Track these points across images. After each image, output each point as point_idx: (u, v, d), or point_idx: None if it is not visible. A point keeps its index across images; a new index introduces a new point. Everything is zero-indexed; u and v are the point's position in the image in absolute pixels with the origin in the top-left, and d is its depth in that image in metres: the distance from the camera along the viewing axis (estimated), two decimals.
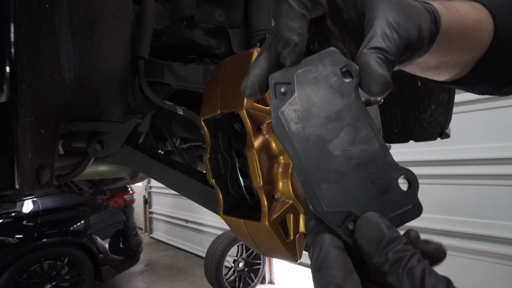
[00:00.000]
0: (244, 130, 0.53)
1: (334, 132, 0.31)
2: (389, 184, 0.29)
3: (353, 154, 0.30)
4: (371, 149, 0.30)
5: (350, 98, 0.31)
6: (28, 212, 3.47)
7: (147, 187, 7.73)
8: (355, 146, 0.30)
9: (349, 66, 0.31)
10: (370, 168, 0.30)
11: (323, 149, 0.30)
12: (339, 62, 0.31)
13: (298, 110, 0.31)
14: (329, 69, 0.32)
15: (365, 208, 0.29)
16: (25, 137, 0.49)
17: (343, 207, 0.29)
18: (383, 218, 0.29)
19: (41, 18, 0.52)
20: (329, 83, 0.31)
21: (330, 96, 0.31)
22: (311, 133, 0.31)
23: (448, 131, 1.19)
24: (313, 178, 0.30)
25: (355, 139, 0.30)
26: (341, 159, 0.30)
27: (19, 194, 0.49)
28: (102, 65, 0.65)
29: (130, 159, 0.89)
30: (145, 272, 5.38)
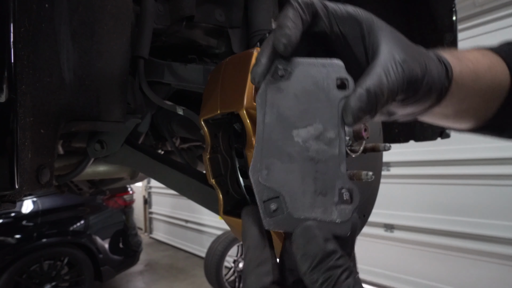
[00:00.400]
0: (244, 130, 0.53)
1: (305, 123, 0.33)
2: (329, 189, 0.30)
3: (311, 147, 0.32)
4: (329, 152, 0.31)
5: (334, 104, 0.33)
6: (28, 212, 3.47)
7: (147, 187, 7.73)
8: (316, 143, 0.32)
9: (347, 80, 0.33)
10: (319, 167, 0.31)
11: (287, 132, 0.32)
12: (339, 73, 0.34)
13: (284, 92, 0.34)
14: (328, 74, 0.34)
15: (296, 198, 0.30)
16: (24, 137, 0.49)
17: (276, 187, 0.31)
18: (322, 229, 0.28)
19: (41, 18, 0.52)
20: (323, 84, 0.34)
21: (317, 93, 0.33)
22: (285, 113, 0.33)
23: (448, 131, 1.19)
24: (266, 150, 0.32)
25: (320, 137, 0.32)
26: (298, 146, 0.32)
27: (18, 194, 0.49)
28: (102, 65, 0.65)
29: (130, 159, 0.89)
30: (145, 272, 5.38)
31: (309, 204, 0.30)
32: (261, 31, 0.96)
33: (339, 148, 0.31)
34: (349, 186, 0.30)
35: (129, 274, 5.07)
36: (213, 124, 0.62)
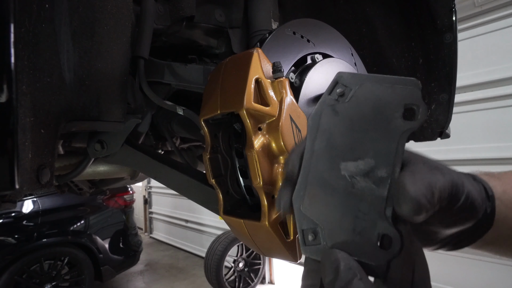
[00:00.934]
0: (244, 130, 0.53)
1: (355, 155, 0.29)
2: (368, 231, 0.28)
3: (357, 184, 0.29)
4: (376, 193, 0.28)
5: (394, 137, 0.28)
6: (28, 212, 3.47)
7: (147, 187, 7.73)
8: (364, 180, 0.29)
9: (417, 106, 0.28)
10: (361, 206, 0.28)
11: (335, 162, 0.29)
12: (410, 97, 0.29)
13: (340, 115, 0.30)
14: (395, 98, 0.29)
15: (332, 233, 0.29)
16: (25, 137, 0.49)
17: (316, 218, 0.29)
18: (347, 258, 0.28)
19: (41, 18, 0.52)
20: (385, 111, 0.29)
21: (377, 122, 0.29)
22: (336, 141, 0.30)
23: (448, 131, 1.19)
24: (311, 178, 0.30)
25: (369, 174, 0.28)
26: (343, 180, 0.29)
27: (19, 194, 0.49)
28: (102, 65, 0.65)
29: (130, 159, 0.89)
30: (145, 272, 5.38)
31: (343, 240, 0.28)
32: (261, 31, 0.96)
33: (388, 190, 0.28)
34: (391, 233, 0.27)
35: (129, 274, 5.07)
36: (213, 124, 0.62)
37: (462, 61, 0.89)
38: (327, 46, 0.76)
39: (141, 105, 0.86)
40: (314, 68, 0.67)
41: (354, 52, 0.86)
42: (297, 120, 0.56)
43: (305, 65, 0.69)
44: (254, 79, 0.53)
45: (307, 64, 0.70)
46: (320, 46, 0.74)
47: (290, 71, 0.67)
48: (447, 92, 1.12)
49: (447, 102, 1.12)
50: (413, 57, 1.14)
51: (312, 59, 0.71)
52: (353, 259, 0.28)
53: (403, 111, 0.28)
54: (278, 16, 1.03)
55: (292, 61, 0.67)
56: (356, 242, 0.28)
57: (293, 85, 0.66)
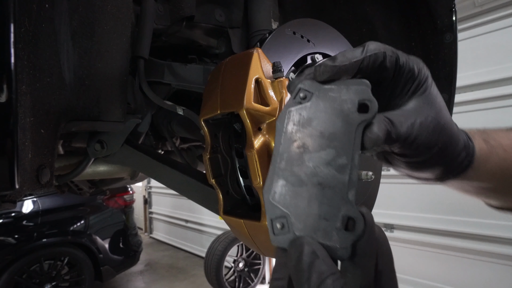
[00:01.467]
0: (244, 130, 0.53)
1: (318, 147, 0.33)
2: (333, 215, 0.30)
3: (320, 172, 0.32)
4: (338, 179, 0.31)
5: (351, 128, 0.33)
6: (28, 212, 3.47)
7: (147, 187, 7.73)
8: (327, 168, 0.32)
9: (369, 101, 0.33)
10: (326, 193, 0.31)
11: (300, 155, 0.33)
12: (362, 94, 0.33)
13: (303, 116, 0.34)
14: (350, 96, 0.34)
15: (300, 220, 0.31)
16: (25, 137, 0.49)
17: (284, 208, 0.32)
18: (311, 242, 0.29)
19: (41, 18, 0.52)
20: (342, 107, 0.33)
21: (335, 117, 0.33)
22: (299, 138, 0.34)
23: None
24: (278, 170, 0.33)
25: (331, 163, 0.32)
26: (308, 170, 0.32)
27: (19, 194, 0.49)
28: (102, 65, 0.65)
29: (130, 159, 0.89)
30: (145, 272, 5.38)
31: (311, 226, 0.31)
32: (261, 31, 0.96)
33: (349, 175, 0.31)
34: (354, 215, 0.30)
35: (129, 274, 5.07)
36: (213, 124, 0.62)
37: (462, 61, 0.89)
38: (327, 46, 0.76)
39: (141, 105, 0.86)
40: None
41: None
42: None
43: (305, 65, 0.69)
44: (254, 79, 0.53)
45: (307, 64, 0.69)
46: (320, 46, 0.74)
47: (290, 71, 0.67)
48: (447, 92, 1.12)
49: (447, 102, 1.12)
50: None
51: (312, 59, 0.71)
52: (317, 243, 0.29)
53: (358, 106, 0.33)
54: (278, 16, 1.03)
55: (292, 61, 0.67)
56: (322, 227, 0.30)
57: None
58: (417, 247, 3.41)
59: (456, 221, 3.13)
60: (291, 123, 0.34)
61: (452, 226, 3.14)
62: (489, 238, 2.93)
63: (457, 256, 3.10)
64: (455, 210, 3.15)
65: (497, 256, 2.88)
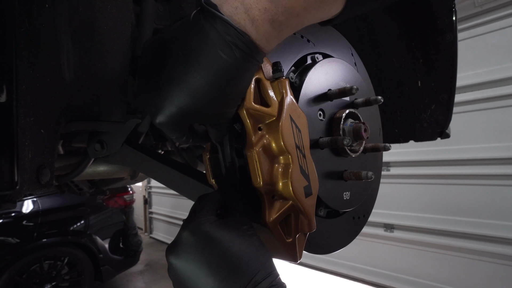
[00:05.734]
0: (244, 130, 0.53)
1: None
2: None
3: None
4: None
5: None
6: (28, 212, 3.47)
7: (147, 187, 7.72)
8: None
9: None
10: None
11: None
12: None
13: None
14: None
15: None
16: (25, 137, 0.49)
17: None
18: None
19: (41, 18, 0.52)
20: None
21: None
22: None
23: (448, 131, 1.19)
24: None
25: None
26: None
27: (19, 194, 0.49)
28: (102, 65, 0.65)
29: (130, 159, 0.89)
30: (145, 272, 5.38)
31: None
32: None
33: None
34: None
35: (129, 274, 5.07)
36: None
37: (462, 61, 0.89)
38: (327, 46, 0.76)
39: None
40: (314, 68, 0.67)
41: (354, 52, 0.86)
42: (297, 120, 0.56)
43: (305, 65, 0.69)
44: (254, 79, 0.53)
45: (307, 64, 0.70)
46: (320, 46, 0.74)
47: (290, 71, 0.67)
48: (447, 92, 1.12)
49: (447, 102, 1.12)
50: (413, 57, 1.14)
51: (312, 59, 0.71)
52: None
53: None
54: None
55: (292, 61, 0.67)
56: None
57: (293, 85, 0.66)
58: (417, 247, 3.41)
59: (456, 221, 3.13)
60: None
61: (452, 226, 3.14)
62: (489, 238, 2.93)
63: (457, 256, 3.10)
64: (455, 210, 3.15)
65: (497, 256, 2.88)
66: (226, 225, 0.47)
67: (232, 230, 0.46)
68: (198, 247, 0.44)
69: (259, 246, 0.46)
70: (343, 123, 0.68)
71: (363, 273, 3.86)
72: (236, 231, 0.46)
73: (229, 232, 0.45)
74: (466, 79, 3.05)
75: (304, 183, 0.55)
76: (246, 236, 0.46)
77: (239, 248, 0.44)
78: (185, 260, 0.44)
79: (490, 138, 2.97)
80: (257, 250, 0.45)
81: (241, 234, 0.46)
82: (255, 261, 0.43)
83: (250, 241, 0.45)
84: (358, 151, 0.72)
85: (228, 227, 0.46)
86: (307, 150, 0.57)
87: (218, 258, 0.43)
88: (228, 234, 0.45)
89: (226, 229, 0.46)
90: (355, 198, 0.75)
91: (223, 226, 0.46)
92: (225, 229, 0.46)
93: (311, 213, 0.57)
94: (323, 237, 0.71)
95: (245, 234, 0.46)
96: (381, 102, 0.71)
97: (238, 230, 0.46)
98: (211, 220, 0.47)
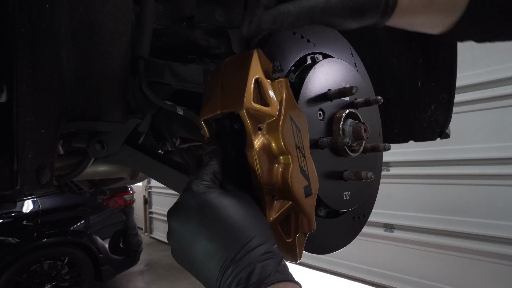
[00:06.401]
0: (244, 130, 0.53)
1: None
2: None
3: None
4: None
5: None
6: (28, 212, 3.47)
7: (147, 187, 7.73)
8: None
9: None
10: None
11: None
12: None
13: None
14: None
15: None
16: (25, 137, 0.49)
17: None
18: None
19: (41, 18, 0.52)
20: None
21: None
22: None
23: (448, 131, 1.19)
24: None
25: None
26: None
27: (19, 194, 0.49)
28: (102, 65, 0.65)
29: (130, 159, 0.89)
30: (145, 272, 5.38)
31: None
32: None
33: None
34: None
35: (129, 274, 5.07)
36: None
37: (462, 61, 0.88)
38: (327, 46, 0.76)
39: (141, 105, 0.86)
40: (314, 68, 0.67)
41: (354, 52, 0.86)
42: (297, 120, 0.56)
43: (305, 65, 0.69)
44: (254, 79, 0.53)
45: (307, 64, 0.70)
46: (320, 46, 0.74)
47: (290, 71, 0.67)
48: (447, 92, 1.12)
49: (447, 102, 1.12)
50: (413, 57, 1.14)
51: (312, 59, 0.71)
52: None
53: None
54: None
55: (292, 61, 0.67)
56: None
57: (293, 85, 0.66)
58: (417, 247, 3.41)
59: (456, 221, 3.13)
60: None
61: (452, 226, 3.14)
62: (489, 238, 2.93)
63: (457, 256, 3.10)
64: (455, 210, 3.15)
65: (497, 256, 2.88)
66: (226, 193, 0.48)
67: (231, 197, 0.47)
68: (197, 211, 0.46)
69: (257, 214, 0.47)
70: (343, 123, 0.68)
71: (363, 273, 3.86)
72: (235, 198, 0.47)
73: (229, 199, 0.47)
74: (466, 79, 3.05)
75: (304, 183, 0.55)
76: (244, 204, 0.47)
77: (236, 214, 0.45)
78: (184, 222, 0.47)
79: (490, 138, 2.97)
80: (254, 218, 0.46)
81: (240, 202, 0.47)
82: (251, 228, 0.44)
83: (248, 209, 0.47)
84: (358, 151, 0.72)
85: (228, 195, 0.48)
86: (307, 150, 0.57)
87: (215, 222, 0.44)
88: (227, 200, 0.46)
89: (226, 196, 0.47)
90: (355, 198, 0.75)
91: (223, 193, 0.48)
92: (225, 196, 0.47)
93: (311, 213, 0.57)
94: (323, 237, 0.71)
95: (243, 202, 0.47)
96: (381, 102, 0.71)
97: (237, 198, 0.47)
98: (211, 186, 0.49)
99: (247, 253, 0.41)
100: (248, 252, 0.41)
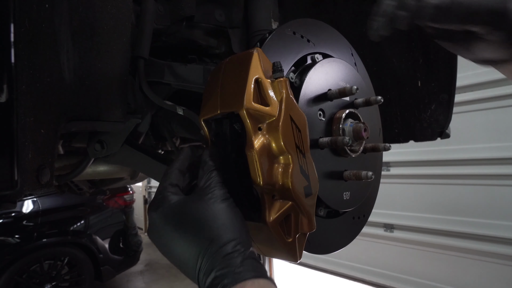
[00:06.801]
0: (244, 130, 0.53)
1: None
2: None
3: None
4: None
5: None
6: (28, 212, 3.47)
7: (147, 187, 7.72)
8: None
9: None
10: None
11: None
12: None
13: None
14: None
15: None
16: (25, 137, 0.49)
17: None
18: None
19: (41, 18, 0.52)
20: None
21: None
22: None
23: (448, 131, 1.19)
24: None
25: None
26: None
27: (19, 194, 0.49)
28: (102, 65, 0.65)
29: (130, 159, 0.89)
30: (145, 272, 5.38)
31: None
32: (261, 31, 0.96)
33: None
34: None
35: (129, 274, 5.07)
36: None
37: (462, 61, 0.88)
38: (327, 46, 0.76)
39: (141, 105, 0.86)
40: (314, 68, 0.67)
41: (354, 52, 0.86)
42: (297, 120, 0.56)
43: (305, 65, 0.69)
44: (254, 79, 0.53)
45: (307, 64, 0.70)
46: (320, 46, 0.74)
47: (290, 71, 0.67)
48: (447, 92, 1.12)
49: (447, 102, 1.12)
50: (413, 57, 1.14)
51: (312, 59, 0.71)
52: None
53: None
54: (278, 16, 1.03)
55: (292, 61, 0.67)
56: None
57: (293, 85, 0.66)
58: (417, 247, 3.41)
59: (456, 221, 3.13)
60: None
61: (452, 226, 3.14)
62: (489, 238, 2.93)
63: (457, 256, 3.10)
64: (455, 210, 3.15)
65: (497, 256, 2.88)
66: (191, 199, 0.51)
67: (199, 202, 0.50)
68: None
69: (229, 213, 0.49)
70: (343, 123, 0.68)
71: (363, 273, 3.86)
72: (203, 202, 0.50)
73: (196, 204, 0.50)
74: (466, 79, 3.05)
75: (304, 183, 0.55)
76: (213, 205, 0.49)
77: (204, 216, 0.48)
78: (164, 218, 0.51)
79: (490, 138, 2.96)
80: (227, 217, 0.49)
81: (209, 204, 0.49)
82: (221, 227, 0.47)
83: (218, 209, 0.49)
84: (358, 151, 0.72)
85: (194, 200, 0.50)
86: (307, 150, 0.57)
87: (185, 227, 0.48)
88: (194, 206, 0.50)
89: (193, 203, 0.50)
90: (355, 198, 0.75)
91: (189, 200, 0.51)
92: (192, 203, 0.50)
93: (311, 213, 0.57)
94: (323, 237, 0.71)
95: (212, 204, 0.49)
96: (381, 102, 0.71)
97: (205, 201, 0.50)
98: (176, 199, 0.52)
99: (218, 249, 0.45)
100: (219, 248, 0.45)
